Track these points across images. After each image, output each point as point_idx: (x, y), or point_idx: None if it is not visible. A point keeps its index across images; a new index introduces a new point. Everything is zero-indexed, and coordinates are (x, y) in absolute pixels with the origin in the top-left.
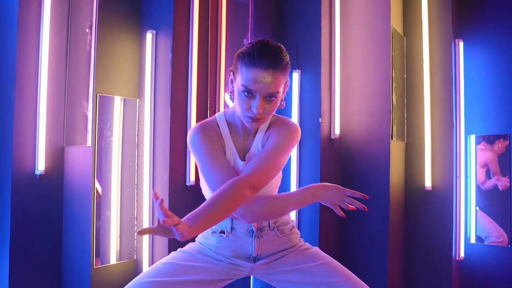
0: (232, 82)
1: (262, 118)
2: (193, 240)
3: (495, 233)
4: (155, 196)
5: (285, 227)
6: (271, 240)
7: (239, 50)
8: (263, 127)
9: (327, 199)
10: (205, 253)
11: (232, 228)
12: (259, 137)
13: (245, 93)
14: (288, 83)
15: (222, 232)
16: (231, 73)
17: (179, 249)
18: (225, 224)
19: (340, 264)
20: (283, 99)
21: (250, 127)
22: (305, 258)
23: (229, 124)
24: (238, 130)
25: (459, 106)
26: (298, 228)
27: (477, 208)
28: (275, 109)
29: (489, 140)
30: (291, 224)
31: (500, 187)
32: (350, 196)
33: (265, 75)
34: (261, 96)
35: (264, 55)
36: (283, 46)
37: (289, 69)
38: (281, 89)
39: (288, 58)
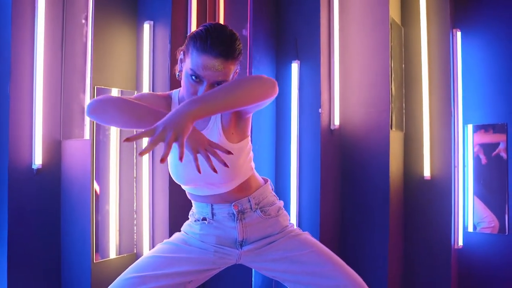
0: (181, 62)
1: None
2: (179, 229)
3: (487, 219)
4: (129, 140)
5: (269, 208)
6: (256, 223)
7: (193, 31)
8: None
9: (189, 139)
10: (190, 243)
11: (213, 214)
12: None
13: (193, 77)
14: (238, 71)
15: (204, 219)
16: (181, 52)
17: (164, 241)
18: (205, 210)
19: (329, 251)
20: None
21: None
22: (294, 246)
23: (180, 100)
24: None
25: (457, 96)
26: (298, 218)
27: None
28: None
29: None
30: (277, 205)
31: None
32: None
33: (215, 63)
34: (209, 83)
35: (217, 43)
36: (237, 34)
37: (241, 58)
38: (230, 78)
39: (241, 47)
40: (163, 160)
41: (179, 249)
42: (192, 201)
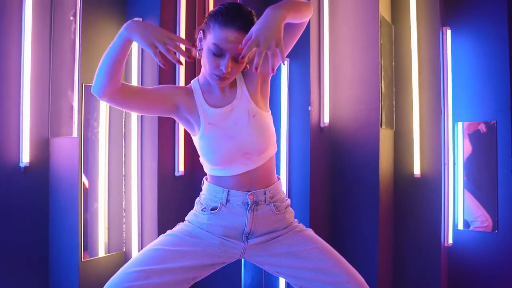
0: (200, 41)
1: (228, 78)
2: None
3: (480, 218)
4: (244, 58)
5: (281, 204)
6: (266, 217)
7: (212, 10)
8: (239, 82)
9: (142, 36)
10: (195, 234)
11: (227, 200)
12: (240, 85)
13: (215, 52)
14: None
15: (214, 209)
16: (201, 31)
17: (168, 231)
18: (220, 195)
19: (332, 248)
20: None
21: (215, 85)
22: (298, 241)
23: (201, 84)
24: (212, 86)
25: (446, 94)
26: None
27: (465, 190)
28: (240, 71)
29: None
30: (287, 202)
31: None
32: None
33: (237, 36)
34: (231, 55)
35: (238, 17)
36: (253, 12)
37: None
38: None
39: None
40: (273, 70)
41: (184, 242)
42: (207, 186)
